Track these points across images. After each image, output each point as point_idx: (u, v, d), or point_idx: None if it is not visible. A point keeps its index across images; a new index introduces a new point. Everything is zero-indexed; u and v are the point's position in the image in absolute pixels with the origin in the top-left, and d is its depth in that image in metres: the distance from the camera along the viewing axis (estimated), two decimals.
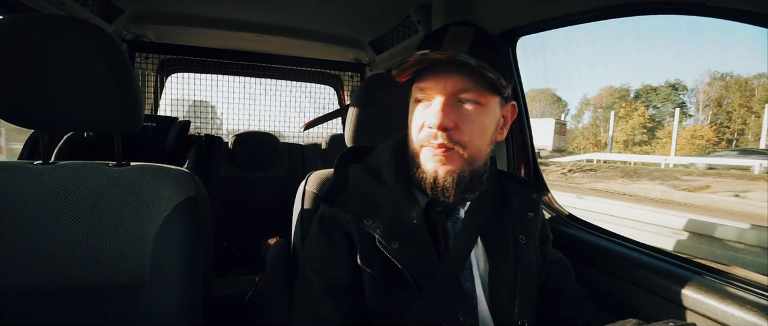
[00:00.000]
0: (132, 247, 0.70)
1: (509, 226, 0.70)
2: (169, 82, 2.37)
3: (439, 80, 0.61)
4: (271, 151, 2.23)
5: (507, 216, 0.71)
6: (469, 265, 0.66)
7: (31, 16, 0.68)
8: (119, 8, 1.54)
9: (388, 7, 1.44)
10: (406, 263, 0.61)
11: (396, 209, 0.65)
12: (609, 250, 0.90)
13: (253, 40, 1.94)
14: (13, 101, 0.66)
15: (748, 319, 0.62)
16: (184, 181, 0.75)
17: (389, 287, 0.62)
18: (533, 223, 0.72)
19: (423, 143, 0.64)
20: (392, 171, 0.69)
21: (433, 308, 0.60)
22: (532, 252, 0.70)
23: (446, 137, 0.61)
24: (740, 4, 0.66)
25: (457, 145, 0.62)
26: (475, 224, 0.67)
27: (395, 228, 0.63)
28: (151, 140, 1.85)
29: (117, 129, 0.74)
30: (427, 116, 0.63)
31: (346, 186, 0.70)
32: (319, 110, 2.56)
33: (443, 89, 0.61)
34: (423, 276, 0.62)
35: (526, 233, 0.70)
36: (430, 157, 0.63)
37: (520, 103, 1.25)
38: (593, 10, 0.91)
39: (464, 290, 0.65)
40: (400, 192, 0.67)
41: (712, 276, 0.72)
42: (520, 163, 1.24)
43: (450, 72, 0.61)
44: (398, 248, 0.62)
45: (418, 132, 0.65)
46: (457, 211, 0.69)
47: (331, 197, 0.69)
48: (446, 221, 0.68)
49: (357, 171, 0.72)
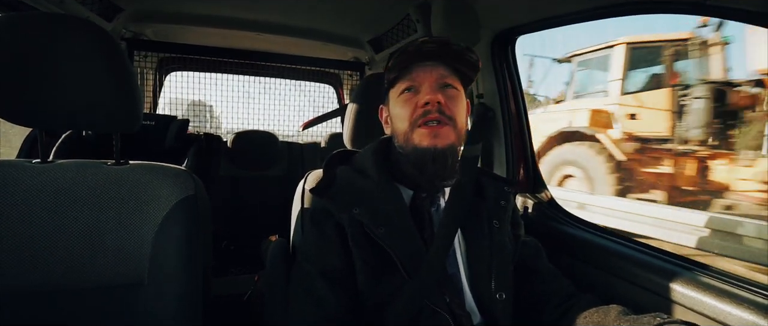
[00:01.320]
0: (131, 246, 0.70)
1: (484, 213, 0.77)
2: (168, 81, 2.36)
3: (427, 69, 0.72)
4: (271, 150, 2.22)
5: (481, 205, 0.78)
6: (452, 251, 0.73)
7: (30, 14, 0.68)
8: (118, 7, 1.53)
9: (388, 6, 1.43)
10: (393, 246, 0.67)
11: (380, 198, 0.72)
12: (607, 248, 0.91)
13: (253, 39, 1.93)
14: (12, 99, 0.66)
15: (746, 317, 0.63)
16: (184, 180, 0.75)
17: (379, 272, 0.67)
18: (505, 211, 0.80)
19: (418, 123, 0.70)
20: (375, 168, 0.76)
21: (422, 292, 0.65)
22: (505, 235, 0.77)
23: (440, 109, 0.69)
24: (740, 4, 0.66)
25: (449, 119, 0.70)
26: (457, 210, 0.74)
27: (380, 215, 0.69)
28: (151, 139, 1.85)
29: (116, 127, 0.74)
30: (418, 99, 0.71)
31: (335, 182, 0.76)
32: (318, 109, 2.56)
33: (430, 76, 0.72)
34: (410, 260, 0.67)
35: (499, 218, 0.77)
36: (425, 134, 0.70)
37: (520, 104, 1.25)
38: (592, 9, 0.91)
39: (449, 275, 0.71)
40: (383, 184, 0.74)
41: (711, 275, 0.73)
42: (520, 163, 1.24)
43: (434, 64, 0.73)
44: (384, 232, 0.67)
45: (410, 116, 0.72)
46: (438, 199, 0.77)
47: (322, 190, 0.75)
48: (431, 207, 0.75)
49: (344, 171, 0.78)
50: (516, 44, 1.23)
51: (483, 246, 0.74)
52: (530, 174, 1.23)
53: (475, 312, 0.71)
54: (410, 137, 0.71)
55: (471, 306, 0.71)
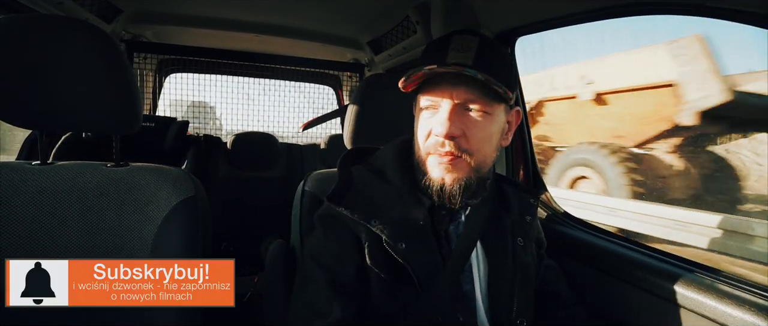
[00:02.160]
0: (131, 248, 0.70)
1: (508, 229, 0.71)
2: (168, 83, 2.36)
3: (446, 90, 0.62)
4: (270, 151, 2.22)
5: (506, 220, 0.72)
6: (469, 267, 0.67)
7: (29, 15, 0.68)
8: (118, 8, 1.53)
9: (387, 7, 1.43)
10: (412, 263, 0.62)
11: (402, 210, 0.66)
12: (607, 250, 0.90)
13: (252, 40, 1.93)
14: (11, 101, 0.66)
15: (747, 319, 0.63)
16: (183, 182, 0.75)
17: (395, 287, 0.63)
18: (530, 227, 0.74)
19: (430, 151, 0.65)
20: (397, 171, 0.69)
21: (435, 309, 0.61)
22: (529, 255, 0.72)
23: (454, 145, 0.62)
24: (740, 5, 0.66)
25: (464, 153, 0.63)
26: (476, 227, 0.68)
27: (401, 229, 0.64)
28: (150, 140, 1.85)
29: (115, 129, 0.74)
30: (433, 124, 0.63)
31: (351, 186, 0.70)
32: (317, 110, 2.56)
33: (450, 99, 0.61)
34: (427, 277, 0.62)
35: (524, 235, 0.72)
36: (436, 164, 0.64)
37: (520, 105, 1.25)
38: (592, 10, 0.91)
39: (464, 292, 0.66)
40: (406, 193, 0.67)
41: (710, 276, 0.73)
42: (520, 165, 1.24)
43: (457, 83, 0.61)
44: (405, 249, 0.62)
45: (424, 140, 0.65)
46: (460, 215, 0.70)
47: (337, 197, 0.68)
48: (449, 224, 0.69)
49: (361, 172, 0.72)
50: (516, 45, 1.23)
51: (506, 264, 0.68)
52: (530, 176, 1.23)
53: None
54: (424, 160, 0.66)
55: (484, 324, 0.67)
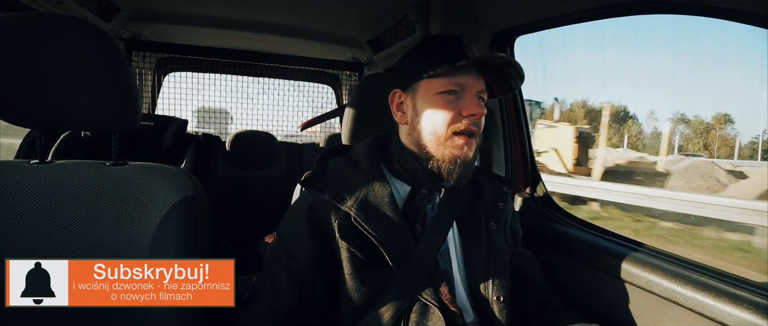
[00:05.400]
0: (129, 247, 0.70)
1: (481, 214, 0.78)
2: (167, 82, 2.36)
3: (473, 78, 0.71)
4: (269, 150, 2.22)
5: (479, 206, 0.79)
6: (446, 248, 0.74)
7: (28, 14, 0.67)
8: (117, 7, 1.53)
9: (386, 6, 1.44)
10: (381, 239, 0.67)
11: (369, 191, 0.71)
12: (605, 248, 0.91)
13: (251, 39, 1.93)
14: (10, 100, 0.65)
15: (744, 317, 0.63)
16: (182, 180, 0.75)
17: (368, 265, 0.68)
18: (503, 212, 0.80)
19: (458, 128, 0.70)
20: (367, 160, 0.76)
21: (412, 286, 0.66)
22: (502, 238, 0.78)
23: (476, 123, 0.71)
24: (739, 4, 0.66)
25: (478, 133, 0.72)
26: (451, 209, 0.75)
27: (369, 207, 0.69)
28: (149, 139, 1.85)
29: (114, 128, 0.74)
30: (463, 106, 0.70)
31: (325, 173, 0.76)
32: (316, 109, 2.56)
33: (475, 86, 0.71)
34: (399, 254, 0.67)
35: (497, 220, 0.79)
36: (460, 145, 0.70)
37: (519, 105, 1.25)
38: (590, 9, 0.91)
39: (442, 271, 0.72)
40: (374, 177, 0.73)
41: (709, 276, 0.73)
42: (519, 163, 1.24)
43: (478, 76, 0.72)
44: (372, 224, 0.67)
45: (450, 122, 0.70)
46: (435, 197, 0.76)
47: (311, 181, 0.74)
48: (427, 204, 0.74)
49: (336, 161, 0.78)
50: (515, 44, 1.23)
51: (479, 244, 0.75)
52: (529, 173, 1.24)
53: (467, 310, 0.72)
54: (443, 142, 0.70)
55: (464, 303, 0.72)
